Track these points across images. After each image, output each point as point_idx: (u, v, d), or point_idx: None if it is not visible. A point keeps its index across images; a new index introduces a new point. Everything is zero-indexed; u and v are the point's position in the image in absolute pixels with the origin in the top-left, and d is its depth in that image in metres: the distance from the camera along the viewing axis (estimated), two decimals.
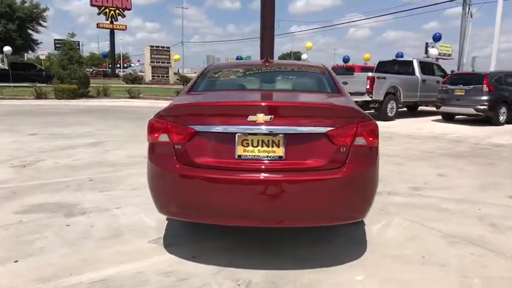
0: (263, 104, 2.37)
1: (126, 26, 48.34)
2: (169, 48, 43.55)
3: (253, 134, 2.35)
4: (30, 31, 42.36)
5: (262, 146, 2.35)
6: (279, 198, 2.32)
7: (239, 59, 34.43)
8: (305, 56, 23.21)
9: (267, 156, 2.35)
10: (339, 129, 2.37)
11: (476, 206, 3.91)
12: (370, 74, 11.57)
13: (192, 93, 3.01)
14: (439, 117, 12.06)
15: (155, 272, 2.50)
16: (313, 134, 2.36)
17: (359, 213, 2.46)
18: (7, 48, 22.50)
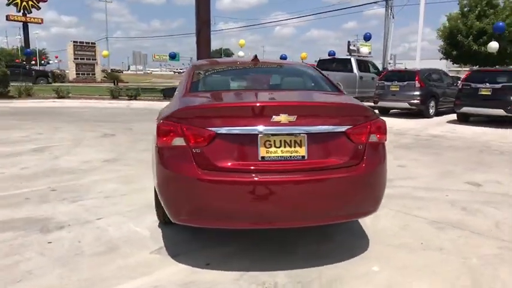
0: (287, 104, 2.35)
1: (42, 19, 44.17)
2: (94, 44, 40.90)
3: (276, 134, 2.32)
4: None
5: (285, 147, 2.33)
6: (305, 198, 2.33)
7: (173, 56, 33.24)
8: (242, 53, 23.34)
9: (291, 156, 2.34)
10: (356, 128, 2.44)
11: (444, 192, 4.29)
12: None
13: (193, 94, 2.86)
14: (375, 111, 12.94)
15: (175, 284, 2.36)
16: (334, 133, 2.40)
17: (375, 206, 2.56)
18: None
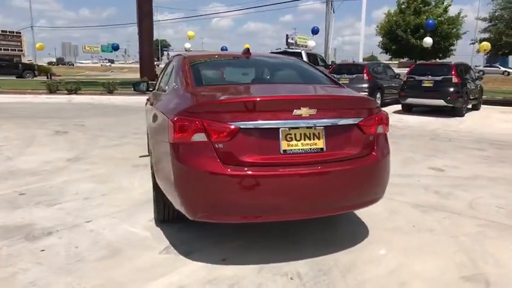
0: (308, 98, 2.39)
1: None
2: (20, 33, 37.50)
3: (296, 128, 2.35)
4: None
5: (304, 140, 2.37)
6: (327, 189, 2.40)
7: (116, 48, 31.24)
8: (188, 45, 22.81)
9: (310, 149, 2.39)
10: (367, 119, 2.55)
11: (415, 178, 4.63)
12: None
13: (201, 88, 2.77)
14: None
15: (200, 283, 2.32)
16: (348, 125, 2.50)
17: (383, 193, 2.71)
18: None
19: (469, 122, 9.90)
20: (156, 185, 2.92)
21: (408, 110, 11.33)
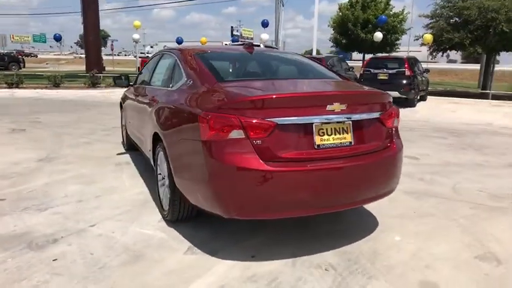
0: (340, 93, 2.44)
1: None
2: None
3: (328, 123, 2.40)
4: None
5: (335, 134, 2.43)
6: (358, 181, 2.48)
7: (58, 38, 28.32)
8: (137, 36, 21.85)
9: (340, 143, 2.45)
10: (386, 113, 2.67)
11: None
12: None
13: (226, 84, 2.68)
14: None
15: (239, 281, 2.29)
16: (372, 119, 2.59)
17: (398, 183, 2.85)
18: None
19: (422, 112, 10.63)
20: (172, 184, 2.82)
21: None
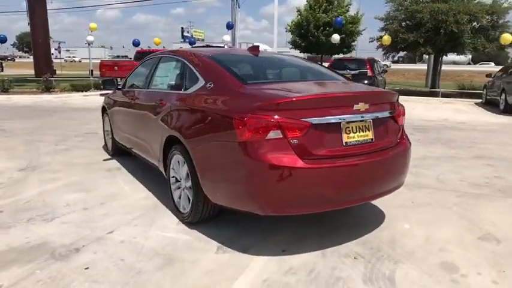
0: (364, 94, 2.62)
1: None
2: None
3: (353, 121, 2.57)
4: None
5: (359, 132, 2.61)
6: (381, 175, 2.69)
7: (3, 40, 25.68)
8: (91, 38, 20.92)
9: (364, 140, 2.63)
10: (397, 111, 2.90)
11: None
12: None
13: (253, 86, 2.77)
14: None
15: (279, 275, 2.39)
16: (387, 117, 2.80)
17: (405, 177, 3.09)
18: None
19: None
20: (196, 186, 2.85)
21: None
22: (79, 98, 13.88)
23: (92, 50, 21.76)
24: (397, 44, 16.07)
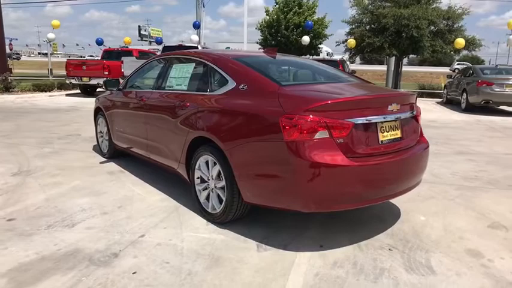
0: (396, 95, 2.79)
1: None
2: None
3: (386, 121, 2.73)
4: None
5: (390, 131, 2.77)
6: (410, 171, 2.87)
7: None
8: (52, 36, 19.87)
9: (394, 138, 2.80)
10: (417, 111, 3.11)
11: None
12: None
13: (291, 87, 2.85)
14: None
15: (327, 268, 2.50)
16: (411, 117, 3.00)
17: None
18: None
19: None
20: (231, 186, 2.88)
21: None
22: (44, 99, 13.16)
23: (43, 47, 20.44)
24: (363, 48, 16.75)
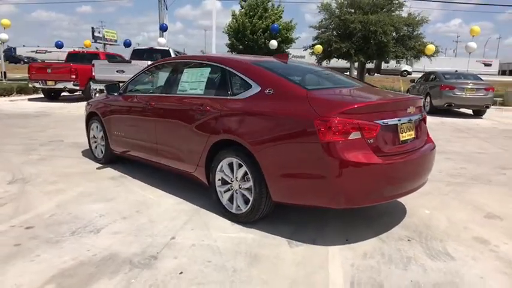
0: (413, 99, 3.05)
1: None
2: None
3: (404, 122, 2.99)
4: None
5: (407, 131, 3.03)
6: (424, 169, 3.15)
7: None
8: (5, 36, 18.70)
9: (410, 138, 3.06)
10: (424, 114, 3.40)
11: None
12: (149, 62, 11.59)
13: (316, 91, 3.04)
14: None
15: (359, 259, 2.70)
16: (421, 119, 3.29)
17: None
18: None
19: None
20: (260, 186, 3.01)
21: None
22: (6, 104, 12.46)
23: None
24: (330, 53, 17.40)
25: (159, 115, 3.99)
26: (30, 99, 13.96)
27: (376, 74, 36.17)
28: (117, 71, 11.29)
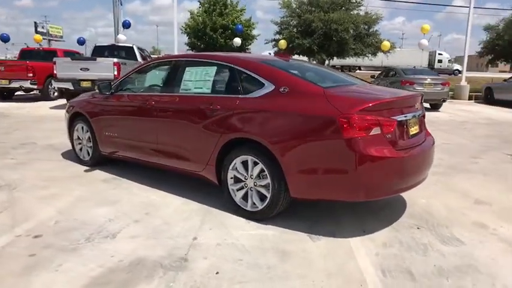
0: (416, 96, 3.25)
1: None
2: None
3: (412, 118, 3.17)
4: None
5: (414, 126, 3.22)
6: (430, 160, 3.36)
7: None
8: None
9: (416, 133, 3.25)
10: (424, 110, 3.62)
11: None
12: (115, 60, 11.12)
13: (332, 89, 3.13)
14: None
15: (380, 248, 2.84)
16: (422, 115, 3.49)
17: None
18: None
19: None
20: (279, 183, 3.05)
21: None
22: None
23: None
24: (293, 49, 17.71)
25: (160, 114, 3.90)
26: None
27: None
28: (81, 69, 10.72)
